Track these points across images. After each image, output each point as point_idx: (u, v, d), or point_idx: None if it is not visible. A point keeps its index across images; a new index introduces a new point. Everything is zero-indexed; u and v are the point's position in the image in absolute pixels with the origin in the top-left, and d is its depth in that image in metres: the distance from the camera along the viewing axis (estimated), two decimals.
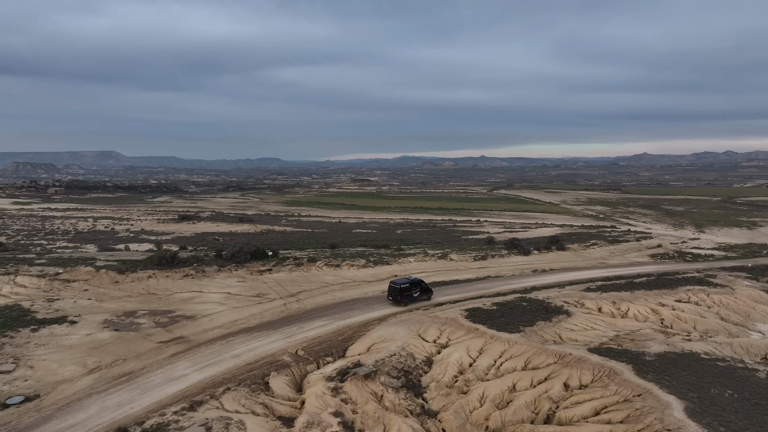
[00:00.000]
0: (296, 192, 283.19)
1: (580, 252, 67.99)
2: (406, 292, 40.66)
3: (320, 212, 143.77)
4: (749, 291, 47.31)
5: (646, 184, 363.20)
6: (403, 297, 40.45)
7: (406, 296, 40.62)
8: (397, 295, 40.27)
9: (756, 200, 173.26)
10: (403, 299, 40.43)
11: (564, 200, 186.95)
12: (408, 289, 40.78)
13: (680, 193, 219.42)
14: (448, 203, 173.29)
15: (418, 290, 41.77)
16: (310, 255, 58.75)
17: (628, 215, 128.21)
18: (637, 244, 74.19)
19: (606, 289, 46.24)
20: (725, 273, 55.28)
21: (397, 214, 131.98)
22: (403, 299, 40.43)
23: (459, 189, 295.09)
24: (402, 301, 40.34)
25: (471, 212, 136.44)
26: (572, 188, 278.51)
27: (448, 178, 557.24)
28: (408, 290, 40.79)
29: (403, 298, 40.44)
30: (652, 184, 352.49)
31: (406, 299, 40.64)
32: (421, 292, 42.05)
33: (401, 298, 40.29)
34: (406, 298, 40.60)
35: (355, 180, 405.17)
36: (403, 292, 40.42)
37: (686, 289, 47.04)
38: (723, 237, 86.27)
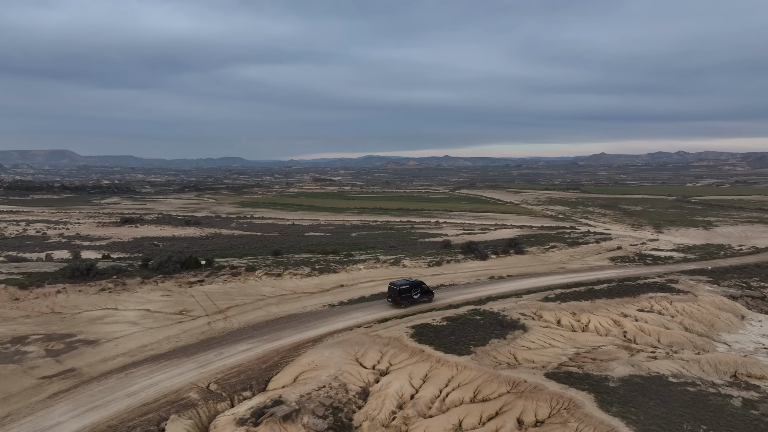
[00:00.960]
0: (255, 192, 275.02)
1: (539, 256, 65.13)
2: (406, 293, 39.68)
3: (275, 214, 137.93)
4: (712, 297, 45.02)
5: (605, 183, 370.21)
6: (403, 298, 39.45)
7: (405, 298, 39.63)
8: (396, 296, 39.33)
9: (709, 199, 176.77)
10: (403, 301, 39.45)
11: (525, 200, 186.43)
12: (408, 290, 39.80)
13: (637, 193, 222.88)
14: (409, 204, 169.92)
15: (419, 292, 40.68)
16: (250, 263, 53.71)
17: (588, 215, 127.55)
18: (596, 247, 72.03)
19: (565, 298, 43.07)
20: (686, 277, 53.20)
21: (355, 216, 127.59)
22: (403, 301, 39.45)
23: (422, 189, 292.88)
24: (401, 302, 39.37)
25: (431, 213, 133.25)
26: (533, 188, 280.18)
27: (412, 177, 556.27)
28: (407, 291, 39.81)
29: (403, 299, 39.44)
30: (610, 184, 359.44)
31: (406, 301, 39.65)
32: (422, 294, 40.99)
33: (400, 300, 39.32)
34: (405, 300, 39.60)
35: (316, 180, 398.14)
36: (403, 294, 39.44)
37: (649, 296, 44.38)
38: (681, 237, 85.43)
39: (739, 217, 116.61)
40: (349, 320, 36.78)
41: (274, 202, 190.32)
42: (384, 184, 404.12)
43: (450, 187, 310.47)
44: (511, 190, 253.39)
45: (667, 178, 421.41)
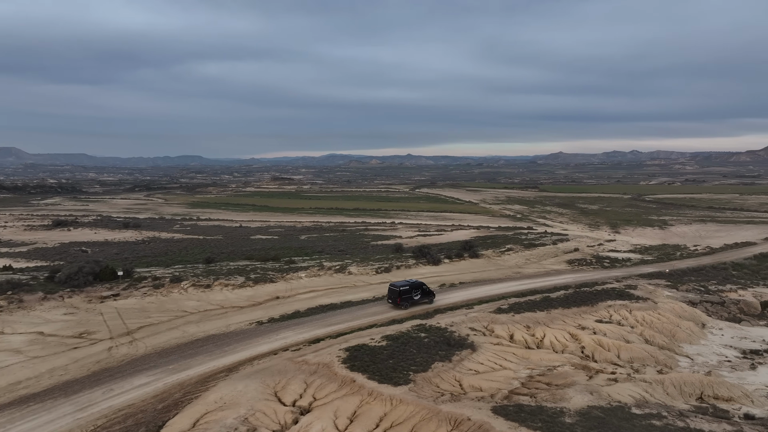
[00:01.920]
0: (209, 192, 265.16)
1: (494, 259, 61.95)
2: (406, 294, 39.28)
3: (225, 215, 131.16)
4: (672, 305, 42.52)
5: (562, 182, 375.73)
6: (403, 300, 39.03)
7: (405, 299, 39.20)
8: (396, 297, 38.93)
9: (662, 198, 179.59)
10: (403, 302, 39.05)
11: (484, 199, 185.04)
12: (408, 291, 39.44)
13: (594, 191, 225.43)
14: (367, 203, 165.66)
15: (419, 293, 40.32)
16: (177, 273, 48.26)
17: (545, 215, 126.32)
18: (553, 249, 69.52)
19: (520, 308, 39.64)
20: (645, 282, 50.86)
21: (309, 217, 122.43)
22: (403, 302, 39.05)
23: (382, 188, 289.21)
24: (401, 304, 39.03)
25: (388, 213, 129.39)
26: (492, 186, 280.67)
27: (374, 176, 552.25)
28: (408, 293, 39.43)
29: (403, 300, 39.04)
30: (568, 182, 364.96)
31: (406, 302, 39.25)
32: (422, 295, 40.58)
33: (400, 301, 38.94)
34: (405, 301, 39.21)
35: (275, 179, 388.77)
36: (403, 295, 39.05)
37: (607, 304, 41.47)
38: (637, 238, 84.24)
39: (692, 215, 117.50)
40: (276, 341, 32.18)
41: (226, 202, 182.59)
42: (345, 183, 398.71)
43: (411, 186, 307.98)
44: (471, 189, 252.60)
45: (621, 177, 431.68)
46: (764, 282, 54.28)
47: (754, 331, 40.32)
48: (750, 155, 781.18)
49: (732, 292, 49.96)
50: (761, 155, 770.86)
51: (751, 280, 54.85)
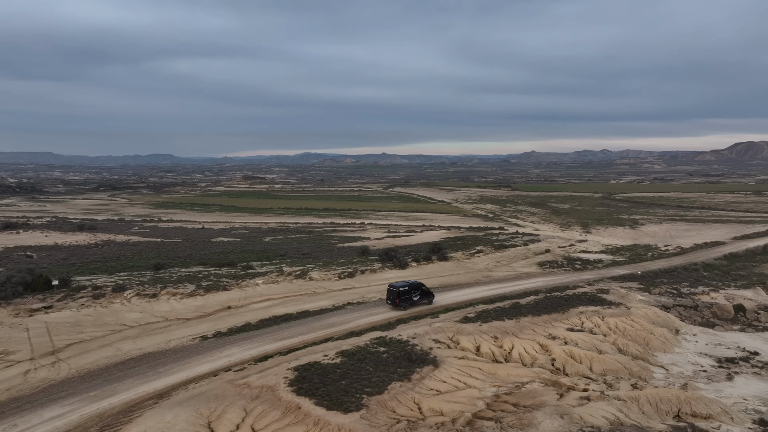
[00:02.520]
0: (177, 191, 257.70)
1: (463, 262, 59.72)
2: (405, 295, 39.15)
3: (189, 216, 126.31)
4: (645, 310, 40.82)
5: (535, 180, 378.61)
6: (402, 300, 38.85)
7: (405, 299, 39.03)
8: (396, 298, 38.79)
9: (632, 196, 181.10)
10: (402, 303, 38.89)
11: (456, 198, 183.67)
12: (407, 292, 39.37)
13: (565, 190, 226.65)
14: (338, 203, 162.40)
15: (418, 294, 40.26)
16: (121, 281, 44.55)
17: (517, 214, 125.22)
18: (524, 250, 67.73)
19: (488, 316, 37.31)
20: (617, 285, 49.24)
21: (277, 217, 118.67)
22: (402, 303, 38.89)
23: (356, 187, 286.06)
24: (401, 304, 38.87)
25: (358, 213, 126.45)
26: (466, 185, 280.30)
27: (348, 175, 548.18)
28: (407, 293, 39.35)
29: (402, 301, 38.85)
30: (540, 181, 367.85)
31: (405, 303, 39.09)
32: (422, 295, 40.55)
33: (400, 302, 38.77)
34: (405, 302, 39.04)
35: (246, 178, 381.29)
36: (402, 296, 38.89)
37: (579, 311, 39.49)
38: (609, 238, 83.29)
39: (662, 214, 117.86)
40: (219, 360, 29.07)
41: (193, 202, 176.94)
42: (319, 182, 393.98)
43: (385, 185, 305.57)
44: (444, 188, 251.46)
45: (592, 176, 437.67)
46: (735, 283, 53.35)
47: (728, 336, 38.86)
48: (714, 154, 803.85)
49: (704, 294, 48.74)
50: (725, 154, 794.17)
51: (722, 281, 53.86)
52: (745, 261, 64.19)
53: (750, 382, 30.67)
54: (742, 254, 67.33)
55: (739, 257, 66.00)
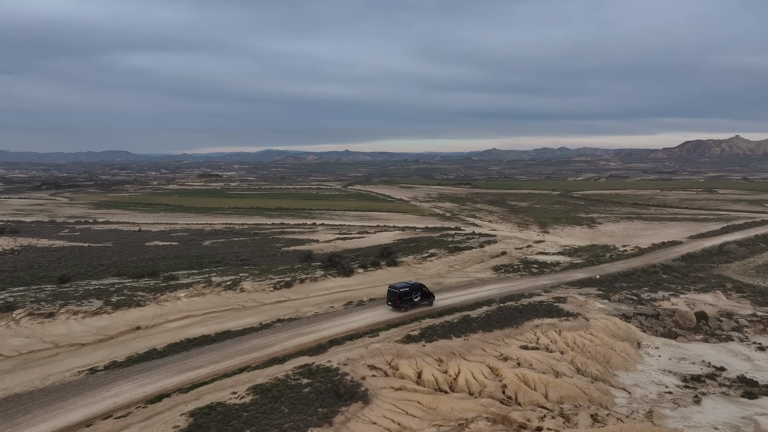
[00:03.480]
0: (126, 190, 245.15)
1: (414, 267, 55.60)
2: (406, 296, 38.70)
3: (130, 216, 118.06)
4: (605, 321, 37.53)
5: (495, 177, 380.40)
6: (403, 302, 38.35)
7: (405, 300, 38.55)
8: (396, 299, 38.28)
9: (590, 194, 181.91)
10: (403, 304, 38.38)
11: (415, 196, 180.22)
12: (408, 293, 38.91)
13: (524, 188, 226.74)
14: (293, 202, 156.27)
15: (419, 295, 39.85)
16: (12, 298, 38.29)
17: (475, 213, 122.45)
18: (480, 253, 64.22)
19: (433, 334, 33.13)
20: (575, 291, 46.06)
21: (225, 218, 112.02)
22: (403, 304, 38.38)
23: (315, 185, 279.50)
24: (402, 306, 38.37)
25: (312, 213, 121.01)
26: (426, 183, 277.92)
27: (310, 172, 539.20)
28: (408, 294, 38.89)
29: (403, 302, 38.35)
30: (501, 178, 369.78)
31: (406, 304, 38.63)
32: (422, 296, 40.15)
33: (400, 303, 38.28)
34: (405, 303, 38.56)
35: (202, 176, 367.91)
36: (403, 297, 38.39)
37: (534, 325, 35.81)
38: (567, 237, 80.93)
39: (619, 212, 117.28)
40: (101, 402, 23.77)
41: (139, 201, 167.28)
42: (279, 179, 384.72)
43: (345, 182, 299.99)
44: (405, 186, 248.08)
45: (551, 173, 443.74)
46: (695, 286, 51.23)
47: (692, 348, 35.98)
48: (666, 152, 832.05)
49: (665, 300, 46.15)
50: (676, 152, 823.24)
51: (681, 284, 51.65)
52: (702, 262, 62.59)
53: (719, 406, 27.53)
54: (699, 254, 65.82)
55: (696, 258, 64.41)
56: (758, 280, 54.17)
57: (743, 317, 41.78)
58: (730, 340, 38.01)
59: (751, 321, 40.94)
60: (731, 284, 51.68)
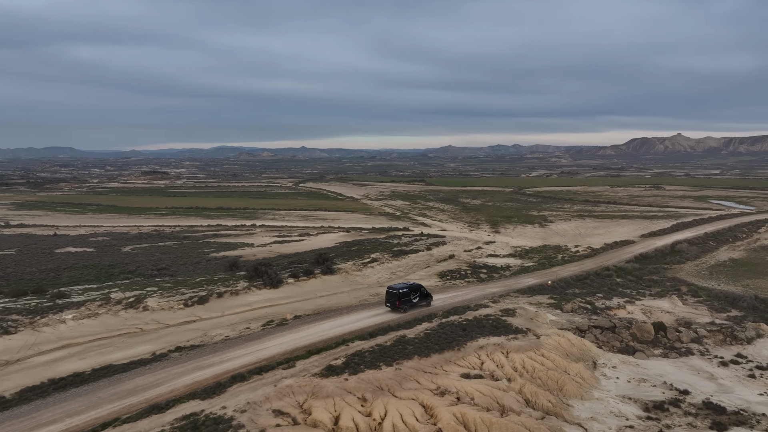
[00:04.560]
0: (60, 188, 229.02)
1: (352, 275, 50.33)
2: (405, 297, 38.00)
3: (53, 219, 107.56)
4: (557, 339, 33.34)
5: (450, 174, 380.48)
6: (402, 303, 37.72)
7: (405, 302, 37.91)
8: (396, 300, 37.59)
9: (542, 191, 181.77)
10: (402, 305, 37.72)
11: (368, 194, 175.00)
12: (407, 294, 38.29)
13: (478, 184, 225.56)
14: (237, 201, 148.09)
15: (417, 296, 39.21)
16: None
17: (426, 211, 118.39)
18: (426, 256, 59.63)
19: (360, 362, 27.99)
20: (525, 300, 41.96)
21: (158, 219, 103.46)
22: (402, 305, 37.72)
23: (267, 182, 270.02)
24: (401, 307, 37.66)
25: (254, 213, 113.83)
26: (381, 180, 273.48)
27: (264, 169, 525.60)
28: (407, 295, 38.25)
29: (402, 303, 37.72)
30: (456, 175, 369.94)
31: (405, 305, 37.95)
32: (421, 297, 39.53)
33: (400, 304, 37.57)
34: (405, 304, 37.90)
35: (147, 173, 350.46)
36: (402, 298, 37.71)
37: (478, 345, 31.21)
38: (518, 238, 77.59)
39: (571, 210, 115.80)
40: None
41: (69, 201, 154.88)
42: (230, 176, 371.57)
43: (298, 179, 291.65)
44: (358, 183, 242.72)
45: (505, 169, 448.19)
46: (650, 291, 48.26)
47: (652, 366, 32.28)
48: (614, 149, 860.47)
49: (620, 308, 42.73)
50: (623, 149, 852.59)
51: (636, 289, 48.60)
52: (656, 263, 60.20)
53: None
54: (652, 255, 63.52)
55: (649, 258, 62.03)
56: (712, 282, 51.83)
57: (702, 326, 38.68)
58: (690, 354, 34.66)
59: (710, 331, 37.85)
60: (686, 288, 49.00)
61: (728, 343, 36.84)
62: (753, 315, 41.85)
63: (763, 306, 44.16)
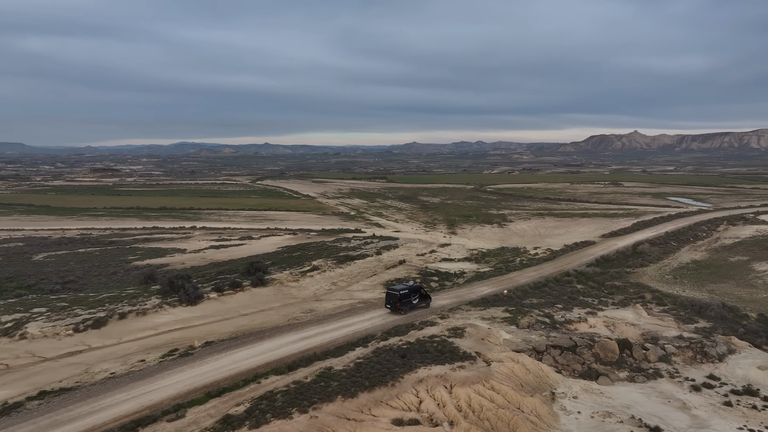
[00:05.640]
0: None
1: (287, 287, 44.68)
2: (406, 299, 36.81)
3: None
4: (510, 365, 28.69)
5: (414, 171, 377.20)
6: (403, 304, 36.57)
7: (405, 303, 36.76)
8: (396, 302, 36.40)
9: (503, 188, 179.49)
10: (403, 306, 36.59)
11: (325, 192, 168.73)
12: (407, 295, 37.09)
13: (439, 181, 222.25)
14: (185, 200, 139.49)
15: (417, 297, 38.03)
16: None
17: (383, 210, 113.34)
18: (374, 262, 54.52)
19: (269, 408, 22.56)
20: (477, 316, 37.31)
21: (90, 221, 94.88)
22: (403, 306, 36.59)
23: (223, 180, 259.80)
24: (402, 308, 36.52)
25: (199, 213, 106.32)
26: (341, 177, 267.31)
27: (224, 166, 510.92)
28: (407, 297, 37.03)
29: (403, 305, 36.56)
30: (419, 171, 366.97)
31: (406, 306, 36.82)
32: (420, 298, 38.29)
33: (401, 306, 36.43)
34: (405, 305, 36.76)
35: (96, 170, 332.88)
36: (402, 299, 36.55)
37: (417, 378, 26.22)
38: (475, 239, 73.40)
39: (531, 208, 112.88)
40: None
41: None
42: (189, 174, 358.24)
43: (257, 177, 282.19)
44: (318, 181, 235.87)
45: (468, 166, 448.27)
46: (612, 299, 44.51)
47: (617, 395, 28.04)
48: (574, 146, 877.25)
49: (582, 321, 38.59)
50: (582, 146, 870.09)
51: (598, 297, 44.78)
52: (618, 266, 56.83)
53: None
54: (613, 257, 60.21)
55: (611, 261, 58.68)
56: (677, 288, 48.54)
57: (670, 342, 34.87)
58: (659, 377, 30.64)
59: (679, 347, 34.04)
60: (651, 295, 45.48)
61: (699, 361, 33.11)
62: (722, 326, 38.46)
63: (731, 315, 40.94)
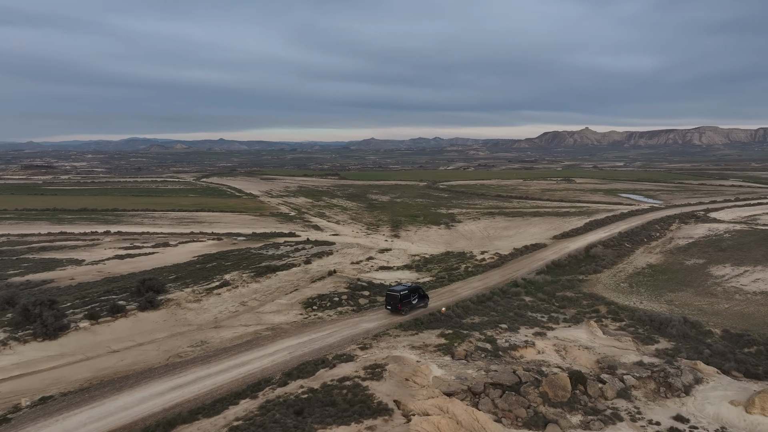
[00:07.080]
0: None
1: (185, 308, 37.24)
2: (406, 299, 35.90)
3: None
4: (436, 420, 22.30)
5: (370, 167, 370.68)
6: (404, 305, 35.68)
7: (405, 304, 35.87)
8: (397, 303, 35.45)
9: (456, 185, 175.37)
10: (404, 307, 35.70)
11: (270, 190, 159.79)
12: (407, 296, 36.15)
13: (392, 178, 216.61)
14: (111, 200, 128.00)
15: (416, 297, 37.24)
16: None
17: (326, 210, 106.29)
18: (300, 274, 47.61)
19: None
20: (407, 342, 31.08)
21: None
22: (404, 307, 35.70)
23: (167, 177, 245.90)
24: (402, 309, 35.60)
25: (121, 216, 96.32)
26: (292, 174, 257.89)
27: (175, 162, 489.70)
28: (407, 297, 36.11)
29: (403, 306, 35.68)
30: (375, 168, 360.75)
31: (406, 307, 35.96)
32: (419, 299, 37.56)
33: (401, 307, 35.48)
34: (406, 306, 35.89)
35: (27, 167, 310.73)
36: (403, 300, 35.59)
37: None
38: (419, 243, 67.52)
39: (482, 207, 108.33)
40: None
41: None
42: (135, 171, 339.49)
43: (202, 174, 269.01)
44: (267, 178, 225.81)
45: (425, 162, 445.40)
46: (564, 314, 39.36)
47: None
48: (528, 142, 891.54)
49: (529, 346, 32.94)
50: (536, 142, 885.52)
51: (548, 312, 39.50)
52: (570, 272, 52.04)
53: None
54: (565, 262, 55.47)
55: (563, 267, 53.89)
56: (633, 298, 43.89)
57: (629, 371, 29.66)
58: (618, 420, 25.20)
59: (639, 378, 28.81)
60: (605, 308, 40.57)
61: (663, 395, 27.95)
62: (685, 346, 33.71)
63: (693, 332, 36.34)
